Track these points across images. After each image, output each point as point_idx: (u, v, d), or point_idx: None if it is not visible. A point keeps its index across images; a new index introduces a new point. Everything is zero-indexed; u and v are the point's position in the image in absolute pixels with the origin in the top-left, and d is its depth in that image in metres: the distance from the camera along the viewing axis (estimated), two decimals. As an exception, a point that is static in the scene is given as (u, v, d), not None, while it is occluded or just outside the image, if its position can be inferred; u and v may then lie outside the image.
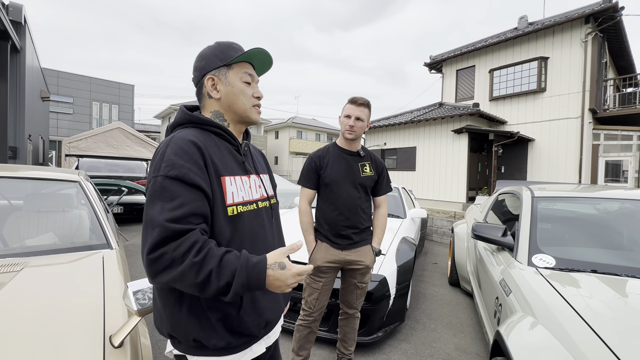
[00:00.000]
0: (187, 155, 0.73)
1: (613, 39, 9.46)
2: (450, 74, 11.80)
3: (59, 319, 1.03)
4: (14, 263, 1.36)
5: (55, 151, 15.36)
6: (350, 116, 1.72)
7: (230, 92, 0.86)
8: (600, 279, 1.52)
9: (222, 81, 0.86)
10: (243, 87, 0.88)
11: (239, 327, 0.79)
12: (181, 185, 0.70)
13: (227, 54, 0.86)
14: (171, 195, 0.69)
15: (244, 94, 0.88)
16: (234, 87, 0.86)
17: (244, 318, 0.79)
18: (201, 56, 0.88)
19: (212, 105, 0.88)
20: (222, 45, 0.88)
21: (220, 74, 0.86)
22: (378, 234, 1.85)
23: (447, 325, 2.70)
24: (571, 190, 2.48)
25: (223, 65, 0.85)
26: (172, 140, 0.76)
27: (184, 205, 0.69)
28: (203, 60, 0.87)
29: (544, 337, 1.21)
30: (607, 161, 8.88)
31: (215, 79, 0.86)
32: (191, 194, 0.71)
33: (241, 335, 0.80)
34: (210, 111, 0.88)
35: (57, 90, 16.58)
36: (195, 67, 0.88)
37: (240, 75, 0.87)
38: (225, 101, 0.87)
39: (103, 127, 11.10)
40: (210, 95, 0.87)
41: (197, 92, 0.90)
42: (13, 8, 5.84)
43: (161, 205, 0.68)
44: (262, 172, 0.97)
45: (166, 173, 0.70)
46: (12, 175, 1.97)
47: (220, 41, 0.90)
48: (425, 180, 10.04)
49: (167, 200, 0.68)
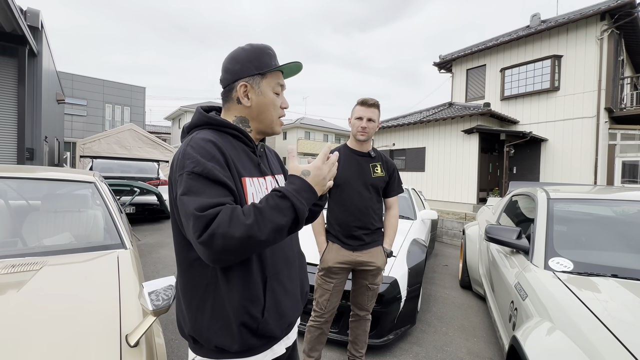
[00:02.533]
0: (209, 154, 0.73)
1: (630, 36, 9.19)
2: (460, 74, 11.64)
3: (78, 317, 1.05)
4: (33, 262, 1.39)
5: (69, 152, 15.76)
6: (362, 118, 1.71)
7: (262, 102, 0.85)
8: (620, 284, 1.47)
9: (255, 90, 0.83)
10: (274, 98, 0.86)
11: (263, 330, 0.78)
12: (206, 182, 0.70)
13: (262, 62, 0.84)
14: (198, 191, 0.68)
15: (274, 106, 0.86)
16: (266, 99, 0.85)
17: (268, 320, 0.79)
18: (235, 59, 0.84)
19: (239, 110, 0.86)
20: (258, 51, 0.85)
21: (254, 82, 0.83)
22: (389, 235, 1.83)
23: (459, 329, 2.66)
24: (587, 191, 2.41)
25: (258, 73, 0.83)
26: (192, 140, 0.75)
27: (212, 197, 0.68)
28: (238, 64, 0.83)
29: (562, 342, 1.18)
30: (624, 162, 8.62)
31: (249, 86, 0.83)
32: (217, 190, 0.70)
33: (263, 337, 0.80)
34: (235, 115, 0.86)
35: (72, 92, 17.01)
36: (228, 69, 0.85)
37: (273, 85, 0.86)
38: (254, 110, 0.85)
39: (115, 129, 11.34)
40: (240, 102, 0.84)
41: (225, 94, 0.87)
42: (30, 14, 6.02)
43: (189, 199, 0.67)
44: (277, 173, 0.96)
45: (192, 169, 0.70)
46: (32, 176, 2.02)
47: (254, 44, 0.86)
48: (435, 181, 9.92)
49: (195, 194, 0.68)
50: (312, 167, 0.76)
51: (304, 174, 0.75)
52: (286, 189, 0.72)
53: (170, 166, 0.78)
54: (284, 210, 0.68)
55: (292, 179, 0.75)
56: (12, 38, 5.48)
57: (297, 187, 0.72)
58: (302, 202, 0.71)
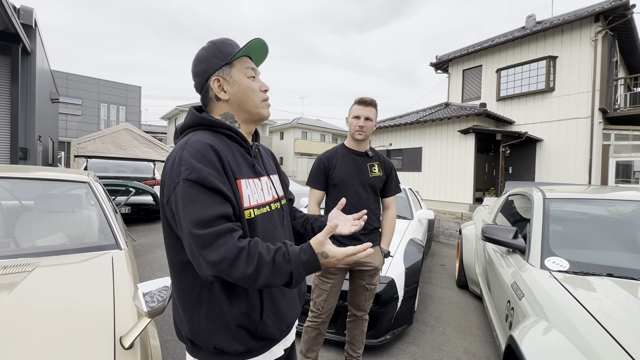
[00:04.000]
0: (205, 159, 0.71)
1: (624, 38, 9.29)
2: (456, 74, 11.70)
3: (71, 319, 1.03)
4: (25, 263, 1.37)
5: (64, 152, 15.59)
6: (359, 117, 1.71)
7: (239, 90, 0.83)
8: (616, 283, 1.48)
9: (228, 81, 0.82)
10: (250, 83, 0.84)
11: (262, 332, 0.78)
12: (202, 189, 0.69)
13: (225, 52, 0.83)
14: (194, 199, 0.68)
15: (253, 90, 0.85)
16: (242, 85, 0.83)
17: (266, 322, 0.78)
18: (199, 59, 0.83)
19: (220, 108, 0.85)
20: (218, 44, 0.84)
21: (225, 74, 0.82)
22: (387, 235, 1.83)
23: (456, 328, 2.67)
24: (582, 191, 2.43)
25: (225, 64, 0.82)
26: (187, 144, 0.74)
27: (209, 207, 0.68)
28: (203, 64, 0.83)
29: (559, 342, 1.18)
30: (618, 162, 8.71)
31: (221, 79, 0.82)
32: (213, 198, 0.69)
33: (262, 339, 0.79)
34: (220, 114, 0.85)
35: (66, 92, 16.83)
36: (196, 72, 0.84)
37: (244, 71, 0.84)
38: (234, 101, 0.84)
39: (111, 128, 11.23)
40: (219, 98, 0.83)
41: (203, 97, 0.86)
42: (24, 11, 5.94)
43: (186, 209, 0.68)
44: (272, 173, 0.95)
45: (187, 176, 0.69)
46: (24, 176, 1.99)
47: (213, 40, 0.86)
48: (432, 181, 9.96)
49: (192, 203, 0.68)
50: (334, 256, 0.72)
51: (323, 256, 0.72)
52: (295, 257, 0.71)
53: (164, 167, 0.76)
54: (282, 274, 0.70)
55: (308, 251, 0.72)
56: (5, 36, 5.40)
57: (305, 260, 0.71)
58: (301, 274, 0.71)
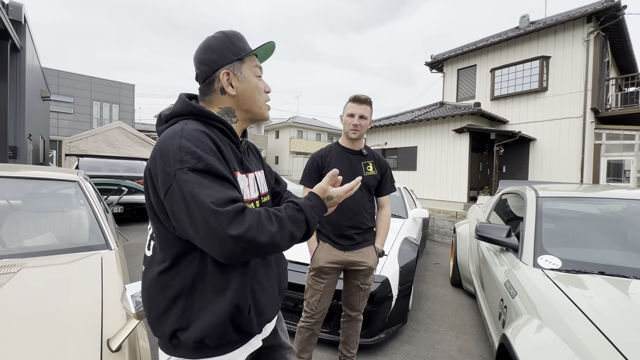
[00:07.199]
0: (208, 148, 0.69)
1: (615, 38, 9.42)
2: (451, 74, 11.76)
3: (56, 321, 1.00)
4: (11, 264, 1.33)
5: (55, 151, 15.36)
6: (353, 115, 1.69)
7: (247, 88, 0.82)
8: (607, 281, 1.49)
9: (238, 77, 0.81)
10: (258, 82, 0.84)
11: (245, 326, 0.76)
12: (211, 177, 0.66)
13: (238, 47, 0.81)
14: (207, 184, 0.65)
15: (260, 90, 0.84)
16: (250, 83, 0.82)
17: (252, 318, 0.77)
18: (210, 48, 0.80)
19: (223, 101, 0.82)
20: (231, 36, 0.82)
21: (235, 69, 0.80)
22: (381, 235, 1.82)
23: (450, 327, 2.68)
24: (574, 190, 2.45)
25: (237, 59, 0.81)
26: (184, 132, 0.69)
27: (223, 191, 0.66)
28: (214, 54, 0.80)
29: (551, 340, 1.18)
30: (609, 161, 8.84)
31: (231, 74, 0.80)
32: (223, 184, 0.67)
33: (243, 332, 0.78)
34: (220, 107, 0.83)
35: (58, 90, 16.56)
36: (204, 60, 0.80)
37: (253, 69, 0.83)
38: (240, 98, 0.82)
39: (103, 127, 11.07)
40: (225, 91, 0.81)
41: (205, 87, 0.82)
42: (13, 7, 5.82)
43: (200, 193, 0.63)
44: (257, 170, 0.93)
45: (194, 166, 0.65)
46: (10, 175, 1.94)
47: (225, 31, 0.83)
48: (426, 180, 10.01)
49: (205, 188, 0.64)
50: (337, 195, 0.83)
51: (328, 199, 0.82)
52: (304, 204, 0.77)
53: (152, 157, 0.69)
54: (299, 222, 0.73)
55: (312, 197, 0.80)
56: (-7, 32, 5.29)
57: (313, 204, 0.78)
58: (315, 218, 0.76)
